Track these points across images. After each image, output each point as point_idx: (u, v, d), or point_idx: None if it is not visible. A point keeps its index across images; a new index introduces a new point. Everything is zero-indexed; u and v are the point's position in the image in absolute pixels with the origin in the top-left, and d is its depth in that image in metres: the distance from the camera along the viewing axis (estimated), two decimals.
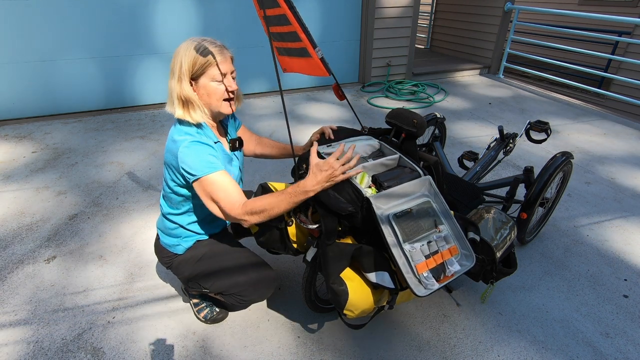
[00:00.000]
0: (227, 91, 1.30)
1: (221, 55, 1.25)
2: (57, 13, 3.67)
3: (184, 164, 1.23)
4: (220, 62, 1.25)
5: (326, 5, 4.62)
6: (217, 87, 1.28)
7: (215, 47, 1.24)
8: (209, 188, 1.22)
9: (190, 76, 1.25)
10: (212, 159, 1.24)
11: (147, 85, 4.28)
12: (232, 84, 1.30)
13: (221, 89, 1.28)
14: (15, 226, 2.29)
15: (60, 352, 1.55)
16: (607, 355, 1.54)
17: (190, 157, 1.22)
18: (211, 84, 1.26)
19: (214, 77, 1.25)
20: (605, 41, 6.01)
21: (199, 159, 1.22)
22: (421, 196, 1.29)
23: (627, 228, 2.31)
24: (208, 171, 1.21)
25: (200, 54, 1.22)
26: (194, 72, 1.24)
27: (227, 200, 1.21)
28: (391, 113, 1.62)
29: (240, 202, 1.21)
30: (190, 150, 1.23)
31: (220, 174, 1.23)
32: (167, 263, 1.54)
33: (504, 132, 2.30)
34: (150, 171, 2.92)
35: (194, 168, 1.22)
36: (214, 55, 1.24)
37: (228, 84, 1.29)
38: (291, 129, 3.61)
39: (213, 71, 1.24)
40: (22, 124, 3.80)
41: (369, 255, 1.23)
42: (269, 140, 1.73)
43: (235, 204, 1.21)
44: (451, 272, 1.21)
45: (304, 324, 1.68)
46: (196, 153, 1.23)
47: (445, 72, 5.52)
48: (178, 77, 1.25)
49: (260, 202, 1.18)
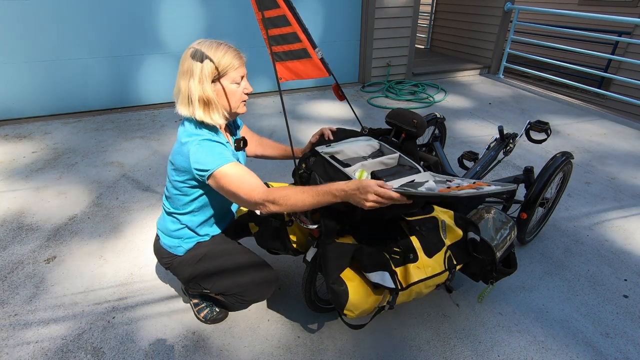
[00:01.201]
0: (245, 93, 1.34)
1: (239, 60, 1.29)
2: (58, 13, 3.67)
3: (196, 163, 1.23)
4: (239, 66, 1.29)
5: (326, 5, 4.62)
6: (237, 89, 1.31)
7: (233, 50, 1.28)
8: (225, 180, 1.21)
9: (213, 78, 1.27)
10: (224, 152, 1.25)
11: (147, 85, 4.28)
12: (249, 86, 1.35)
13: (240, 91, 1.32)
14: (15, 226, 2.29)
15: (60, 352, 1.55)
16: (607, 355, 1.54)
17: (202, 153, 1.23)
18: (231, 85, 1.30)
19: (234, 79, 1.29)
20: (605, 41, 6.01)
21: (210, 154, 1.23)
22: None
23: (627, 228, 2.31)
24: (221, 163, 1.21)
25: (223, 57, 1.25)
26: (220, 72, 1.26)
27: (247, 186, 1.20)
28: (391, 113, 1.62)
29: (261, 187, 1.20)
30: (201, 147, 1.24)
31: (233, 164, 1.23)
32: (166, 264, 1.54)
33: (504, 132, 2.30)
34: (150, 171, 2.92)
35: (205, 163, 1.22)
36: (234, 59, 1.27)
37: (245, 86, 1.34)
38: (291, 128, 3.61)
39: (233, 74, 1.28)
40: (22, 124, 3.80)
41: (369, 255, 1.23)
42: (270, 141, 1.74)
43: (256, 189, 1.19)
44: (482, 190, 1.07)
45: (304, 324, 1.68)
46: (207, 149, 1.24)
47: (445, 72, 5.52)
48: (199, 79, 1.24)
49: (285, 194, 1.16)
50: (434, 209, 1.48)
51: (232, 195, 1.23)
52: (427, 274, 1.29)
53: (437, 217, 1.44)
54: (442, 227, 1.41)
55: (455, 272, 1.38)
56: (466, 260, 1.41)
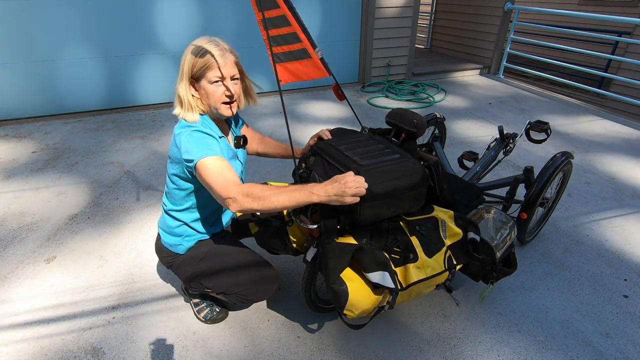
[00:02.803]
0: (226, 95, 1.31)
1: (222, 59, 1.26)
2: (57, 13, 3.66)
3: (185, 153, 1.24)
4: (220, 65, 1.26)
5: (326, 5, 4.62)
6: (216, 89, 1.29)
7: (218, 49, 1.25)
8: (205, 171, 1.20)
9: (190, 77, 1.28)
10: (211, 145, 1.25)
11: (147, 85, 4.28)
12: (231, 88, 1.31)
13: (219, 91, 1.30)
14: (15, 226, 2.29)
15: (60, 352, 1.55)
16: (607, 355, 1.54)
17: (190, 143, 1.24)
18: (209, 86, 1.28)
19: (210, 79, 1.27)
20: (605, 41, 6.01)
21: (196, 144, 1.24)
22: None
23: (627, 228, 2.31)
24: (204, 154, 1.21)
25: (199, 56, 1.24)
26: (193, 73, 1.27)
27: (223, 179, 1.17)
28: (391, 113, 1.62)
29: (238, 182, 1.18)
30: (191, 137, 1.25)
31: (216, 158, 1.22)
32: (168, 263, 1.54)
33: (504, 132, 2.30)
34: (150, 171, 2.92)
35: (191, 153, 1.23)
36: (215, 57, 1.24)
37: (227, 87, 1.30)
38: (291, 128, 3.61)
39: (210, 74, 1.26)
40: (22, 124, 3.80)
41: (369, 255, 1.23)
42: (272, 140, 1.74)
43: (232, 183, 1.16)
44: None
45: (304, 324, 1.68)
46: (195, 139, 1.25)
47: (445, 72, 5.52)
48: (180, 76, 1.29)
49: (260, 188, 1.14)
50: (434, 209, 1.48)
51: (209, 187, 1.21)
52: (427, 274, 1.29)
53: (437, 217, 1.44)
54: (442, 227, 1.41)
55: (455, 272, 1.38)
56: (466, 260, 1.41)
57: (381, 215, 1.27)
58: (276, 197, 1.12)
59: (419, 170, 1.30)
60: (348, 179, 1.11)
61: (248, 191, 1.13)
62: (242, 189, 1.14)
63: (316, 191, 1.12)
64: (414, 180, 1.27)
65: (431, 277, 1.30)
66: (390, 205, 1.25)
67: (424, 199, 1.35)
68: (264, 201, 1.12)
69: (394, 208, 1.28)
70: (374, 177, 1.20)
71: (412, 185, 1.27)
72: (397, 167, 1.28)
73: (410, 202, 1.30)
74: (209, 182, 1.19)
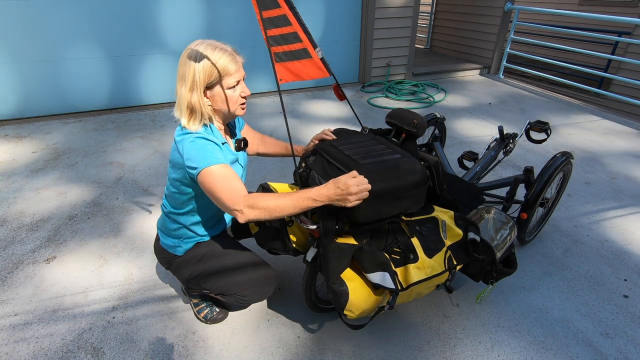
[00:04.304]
0: (242, 96, 1.33)
1: (235, 64, 1.26)
2: (58, 13, 3.66)
3: (188, 160, 1.23)
4: (236, 70, 1.27)
5: (326, 5, 4.62)
6: (233, 93, 1.30)
7: (227, 54, 1.25)
8: (210, 179, 1.20)
9: (205, 87, 1.26)
10: (214, 152, 1.24)
11: (147, 85, 4.28)
12: (246, 90, 1.33)
13: (236, 95, 1.31)
14: (15, 226, 2.29)
15: (60, 352, 1.55)
16: (607, 355, 1.55)
17: (194, 150, 1.23)
18: (227, 91, 1.29)
19: (228, 85, 1.27)
20: (605, 41, 6.01)
21: (201, 152, 1.23)
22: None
23: (627, 228, 2.31)
24: (209, 163, 1.21)
25: (213, 65, 1.22)
26: (210, 82, 1.25)
27: (228, 189, 1.18)
28: (391, 113, 1.62)
29: (243, 193, 1.19)
30: (195, 144, 1.24)
31: (222, 166, 1.22)
32: (166, 264, 1.54)
33: (504, 132, 2.30)
34: (150, 171, 2.92)
35: (195, 160, 1.22)
36: (229, 64, 1.25)
37: (242, 89, 1.32)
38: (291, 128, 3.62)
39: (228, 80, 1.26)
40: (22, 124, 3.79)
41: (369, 255, 1.23)
42: (272, 139, 1.74)
43: (239, 193, 1.18)
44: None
45: (304, 324, 1.68)
46: (199, 147, 1.24)
47: (445, 72, 5.52)
48: (190, 87, 1.24)
49: (264, 199, 1.15)
50: (434, 209, 1.48)
51: (214, 197, 1.21)
52: (427, 274, 1.29)
53: (437, 217, 1.44)
54: (442, 227, 1.41)
55: (455, 272, 1.38)
56: (466, 261, 1.41)
57: (380, 215, 1.26)
58: (281, 207, 1.15)
59: (419, 170, 1.30)
60: (349, 183, 1.12)
61: (253, 203, 1.15)
62: (248, 201, 1.16)
63: (318, 197, 1.14)
64: (414, 180, 1.28)
65: (431, 278, 1.30)
66: (390, 204, 1.25)
67: (424, 199, 1.35)
68: (270, 212, 1.15)
69: (393, 207, 1.28)
70: (373, 175, 1.20)
71: (412, 184, 1.27)
72: (398, 167, 1.28)
73: (410, 201, 1.30)
74: (214, 192, 1.20)
